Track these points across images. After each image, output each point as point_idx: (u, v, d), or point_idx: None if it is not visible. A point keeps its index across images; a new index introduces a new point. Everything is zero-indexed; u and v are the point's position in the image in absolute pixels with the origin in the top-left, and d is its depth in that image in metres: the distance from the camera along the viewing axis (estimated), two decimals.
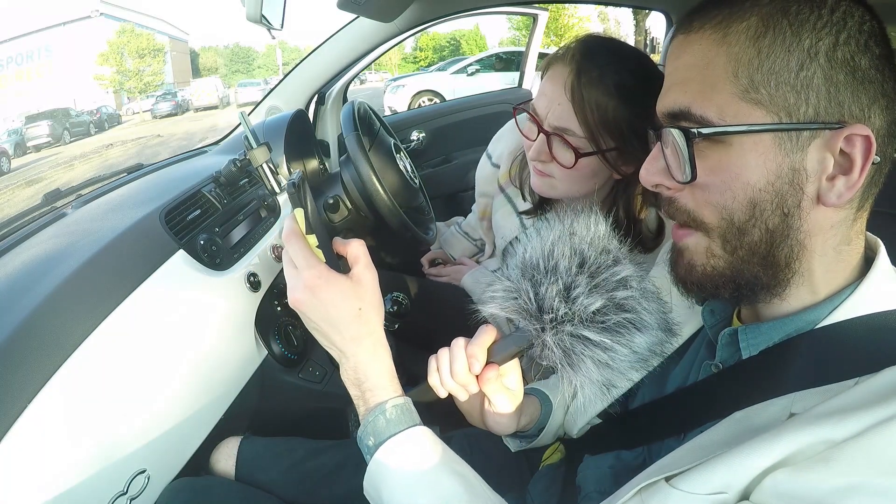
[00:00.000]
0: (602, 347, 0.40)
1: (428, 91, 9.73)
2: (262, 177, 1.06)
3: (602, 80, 0.70)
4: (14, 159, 12.68)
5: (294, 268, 0.52)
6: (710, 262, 0.43)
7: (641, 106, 0.68)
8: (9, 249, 0.82)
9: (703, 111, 0.40)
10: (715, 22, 0.41)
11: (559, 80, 0.73)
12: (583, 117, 0.71)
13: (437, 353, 0.54)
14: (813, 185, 0.39)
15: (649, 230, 0.82)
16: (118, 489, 0.61)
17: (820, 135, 0.38)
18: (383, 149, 1.34)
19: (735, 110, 0.39)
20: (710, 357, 0.50)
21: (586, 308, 0.40)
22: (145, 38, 29.37)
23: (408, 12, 1.24)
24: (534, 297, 0.43)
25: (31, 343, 0.58)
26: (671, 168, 0.43)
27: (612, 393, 0.48)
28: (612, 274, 0.42)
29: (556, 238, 0.44)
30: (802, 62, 0.37)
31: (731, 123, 0.39)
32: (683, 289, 0.46)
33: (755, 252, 0.41)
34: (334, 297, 0.51)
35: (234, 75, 45.94)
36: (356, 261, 0.54)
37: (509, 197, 1.06)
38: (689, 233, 0.45)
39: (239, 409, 0.83)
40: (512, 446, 0.68)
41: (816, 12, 0.38)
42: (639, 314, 0.41)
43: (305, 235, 0.53)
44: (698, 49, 0.41)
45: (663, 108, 0.44)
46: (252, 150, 1.01)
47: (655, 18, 9.00)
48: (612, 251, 0.43)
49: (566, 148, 0.74)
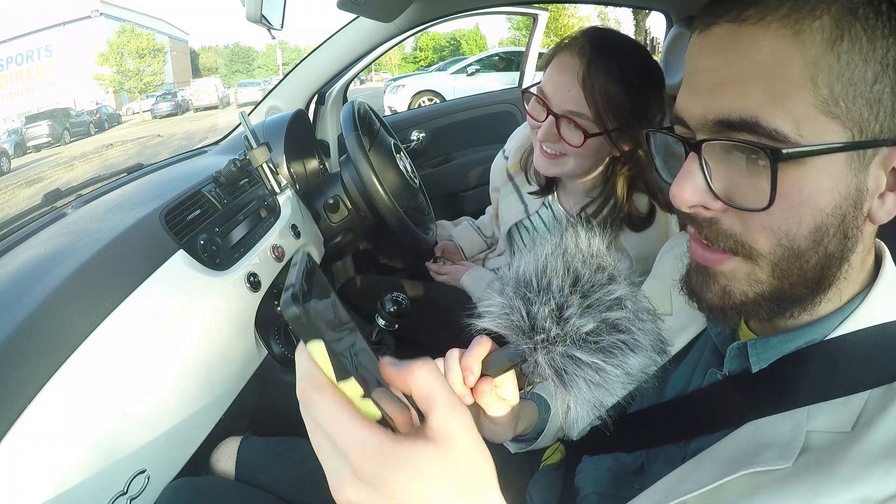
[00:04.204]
0: (595, 368, 0.40)
1: (428, 91, 9.72)
2: (262, 177, 1.06)
3: (610, 70, 0.78)
4: (14, 159, 12.68)
5: (329, 448, 0.30)
6: (753, 288, 0.39)
7: (641, 93, 0.80)
8: (9, 249, 0.82)
9: (775, 123, 0.34)
10: (781, 14, 0.34)
11: (569, 69, 0.80)
12: (592, 102, 0.79)
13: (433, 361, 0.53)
14: (867, 204, 0.37)
15: (639, 211, 0.88)
16: (118, 489, 0.61)
17: (880, 152, 0.36)
18: (383, 149, 1.34)
19: (813, 124, 0.34)
20: (714, 364, 0.49)
21: (578, 329, 0.40)
22: (145, 38, 29.36)
23: (408, 12, 1.24)
24: (526, 315, 0.42)
25: (31, 343, 0.58)
26: (723, 188, 0.37)
27: (605, 409, 0.47)
28: (607, 293, 0.40)
29: (550, 253, 0.43)
30: (877, 74, 0.34)
31: (811, 140, 0.34)
32: (710, 314, 0.42)
33: (806, 276, 0.38)
34: (413, 481, 0.28)
35: (234, 75, 45.96)
36: (431, 401, 0.31)
37: (517, 185, 1.11)
38: (727, 257, 0.39)
39: (239, 409, 0.83)
40: (511, 448, 0.68)
41: (883, 19, 0.34)
42: (633, 335, 0.40)
43: (337, 384, 0.30)
44: (765, 45, 0.34)
45: (712, 113, 0.36)
46: (252, 150, 1.01)
47: (655, 18, 8.99)
48: (606, 268, 0.42)
49: (574, 129, 0.81)
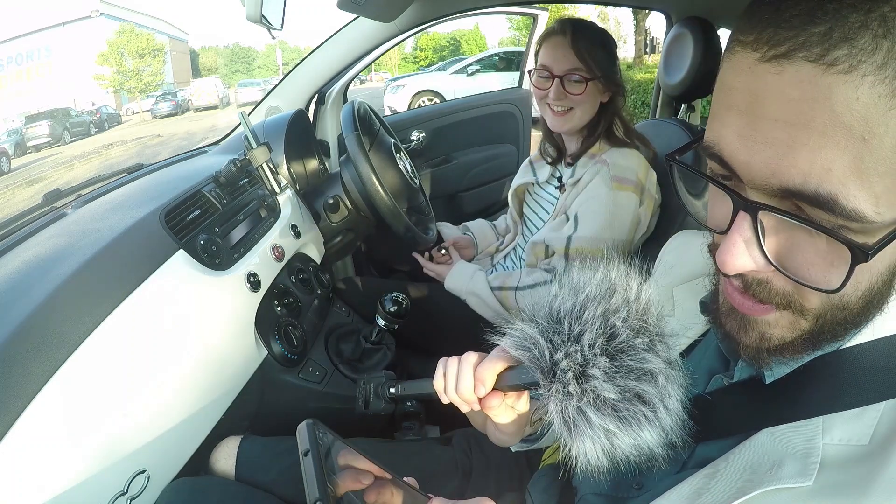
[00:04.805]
0: (605, 431, 0.37)
1: (428, 91, 9.71)
2: (262, 177, 1.06)
3: (586, 36, 1.08)
4: (14, 159, 12.67)
5: None
6: (794, 333, 0.36)
7: (607, 49, 1.11)
8: (9, 249, 0.82)
9: (857, 203, 0.28)
10: (877, 63, 0.26)
11: (560, 43, 1.08)
12: (582, 58, 1.07)
13: (448, 359, 0.51)
14: None
15: (619, 135, 1.16)
16: (118, 489, 0.61)
17: None
18: (383, 149, 1.34)
19: (891, 199, 0.29)
20: (720, 368, 0.48)
21: (598, 393, 0.37)
22: (145, 38, 29.35)
23: (408, 12, 1.24)
24: (549, 357, 0.39)
25: (31, 343, 0.58)
26: (780, 256, 0.33)
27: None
28: (640, 361, 0.37)
29: (592, 297, 0.40)
30: None
31: (886, 217, 0.29)
32: (744, 355, 0.39)
33: (847, 320, 0.35)
34: None
35: (234, 75, 45.94)
36: None
37: (534, 167, 1.33)
38: (771, 309, 0.36)
39: (239, 408, 0.83)
40: (513, 447, 0.68)
41: None
42: (656, 411, 0.37)
43: None
44: (858, 107, 0.27)
45: (779, 179, 0.30)
46: (252, 150, 1.01)
47: (655, 18, 8.98)
48: (649, 332, 0.39)
49: (575, 82, 1.08)
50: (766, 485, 0.36)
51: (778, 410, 0.40)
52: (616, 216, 1.05)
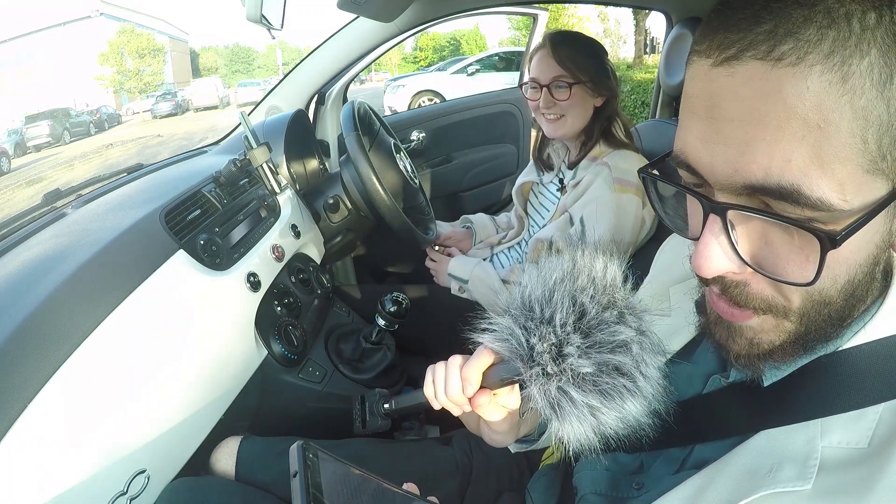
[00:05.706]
0: (589, 408, 0.39)
1: (428, 91, 9.72)
2: (262, 177, 1.06)
3: (567, 44, 1.11)
4: (14, 159, 12.68)
5: None
6: (781, 336, 0.37)
7: (594, 55, 1.13)
8: (9, 249, 0.82)
9: (820, 192, 0.29)
10: (824, 52, 0.27)
11: (543, 55, 1.12)
12: (564, 65, 1.09)
13: (435, 365, 0.52)
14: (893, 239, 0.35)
15: (620, 138, 1.17)
16: (118, 489, 0.61)
17: None
18: (383, 149, 1.34)
19: (857, 184, 0.29)
20: (717, 368, 0.48)
21: (576, 369, 0.38)
22: (145, 38, 29.38)
23: (408, 12, 1.24)
24: (525, 343, 0.40)
25: (31, 343, 0.58)
26: (753, 254, 0.34)
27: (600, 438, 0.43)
28: (612, 334, 0.38)
29: (559, 280, 0.41)
30: None
31: (855, 204, 0.29)
32: (737, 363, 0.40)
33: (832, 317, 0.36)
34: None
35: (234, 75, 45.97)
36: None
37: (538, 166, 1.36)
38: (751, 314, 0.37)
39: (239, 409, 0.83)
40: (512, 448, 0.68)
41: None
42: (635, 381, 0.38)
43: None
44: (809, 96, 0.27)
45: (741, 176, 0.31)
46: (252, 150, 1.01)
47: (655, 18, 8.99)
48: (617, 305, 0.39)
49: (560, 88, 1.11)
50: (765, 488, 0.36)
51: (776, 412, 0.40)
52: (620, 219, 1.06)
